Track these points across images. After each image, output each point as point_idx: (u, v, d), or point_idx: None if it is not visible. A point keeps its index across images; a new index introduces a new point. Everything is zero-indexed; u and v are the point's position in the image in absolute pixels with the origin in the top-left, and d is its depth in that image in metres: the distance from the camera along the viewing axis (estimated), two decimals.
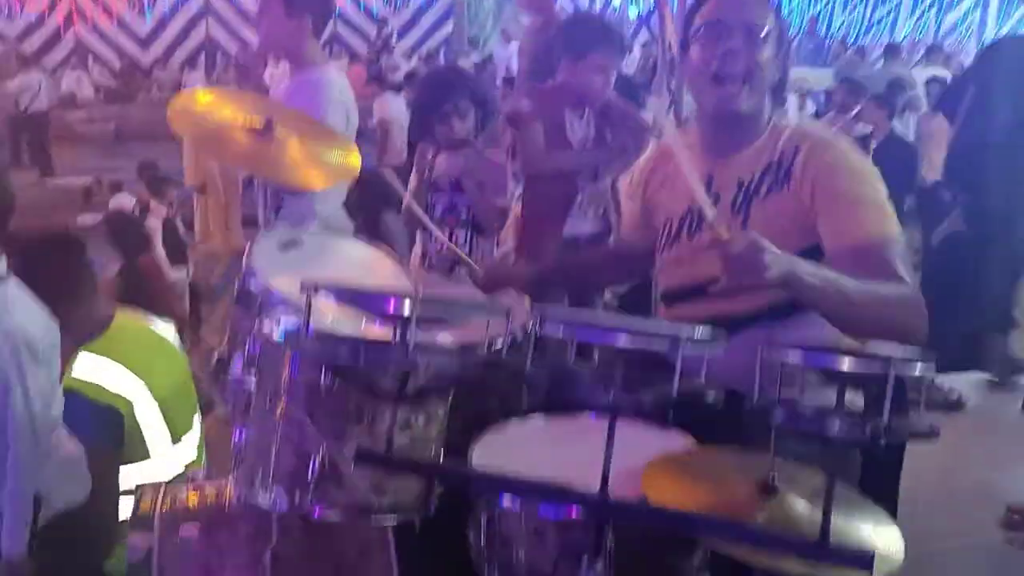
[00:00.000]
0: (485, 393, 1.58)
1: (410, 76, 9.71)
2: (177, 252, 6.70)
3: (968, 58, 11.98)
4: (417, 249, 3.28)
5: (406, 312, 1.23)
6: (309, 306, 1.33)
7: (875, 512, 1.50)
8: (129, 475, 2.26)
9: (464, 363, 1.34)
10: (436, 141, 3.15)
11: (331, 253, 2.15)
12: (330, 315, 1.46)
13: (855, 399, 1.28)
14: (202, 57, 17.09)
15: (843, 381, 1.23)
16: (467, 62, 13.18)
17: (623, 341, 1.16)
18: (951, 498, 3.36)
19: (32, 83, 11.89)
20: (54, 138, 12.04)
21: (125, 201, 7.55)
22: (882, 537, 1.42)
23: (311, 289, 1.31)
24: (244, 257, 1.99)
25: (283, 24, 2.87)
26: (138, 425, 2.27)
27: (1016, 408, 4.47)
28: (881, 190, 1.81)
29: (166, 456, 2.34)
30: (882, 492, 1.79)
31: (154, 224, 6.58)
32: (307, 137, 2.25)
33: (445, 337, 1.42)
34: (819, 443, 1.25)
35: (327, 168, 2.23)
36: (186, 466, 2.41)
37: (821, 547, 1.14)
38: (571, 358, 1.30)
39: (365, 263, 2.16)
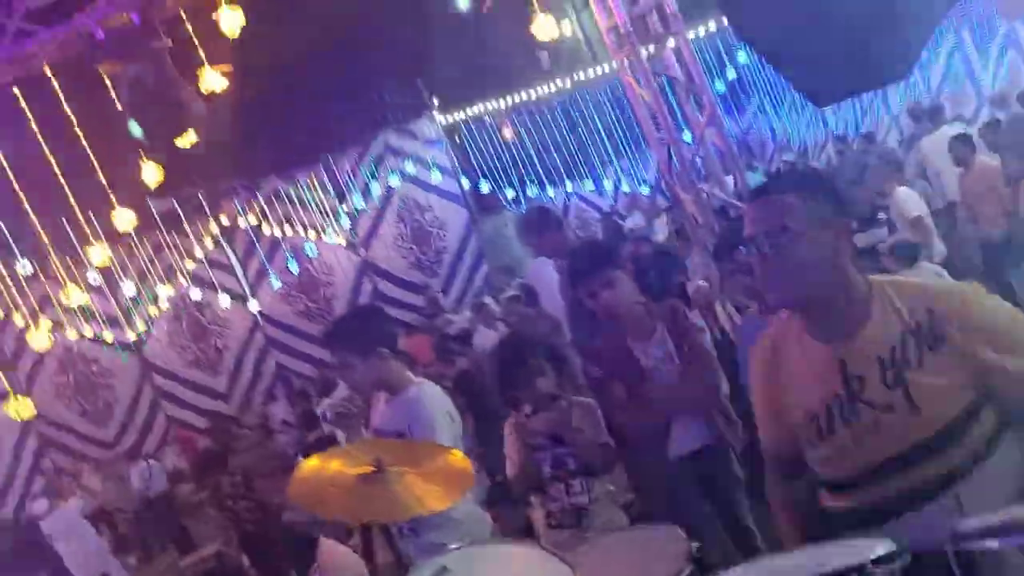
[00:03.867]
0: None
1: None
2: None
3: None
4: (539, 513, 3.26)
5: None
6: None
7: None
8: None
9: None
10: (523, 403, 3.22)
11: (481, 569, 2.13)
12: None
13: None
14: None
15: None
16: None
17: None
18: None
19: None
20: None
21: None
22: None
23: None
24: None
25: (366, 367, 2.95)
26: None
27: None
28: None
29: None
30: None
31: None
32: (418, 463, 2.31)
33: None
34: None
35: (445, 487, 2.27)
36: None
37: None
38: None
39: (515, 564, 2.14)
